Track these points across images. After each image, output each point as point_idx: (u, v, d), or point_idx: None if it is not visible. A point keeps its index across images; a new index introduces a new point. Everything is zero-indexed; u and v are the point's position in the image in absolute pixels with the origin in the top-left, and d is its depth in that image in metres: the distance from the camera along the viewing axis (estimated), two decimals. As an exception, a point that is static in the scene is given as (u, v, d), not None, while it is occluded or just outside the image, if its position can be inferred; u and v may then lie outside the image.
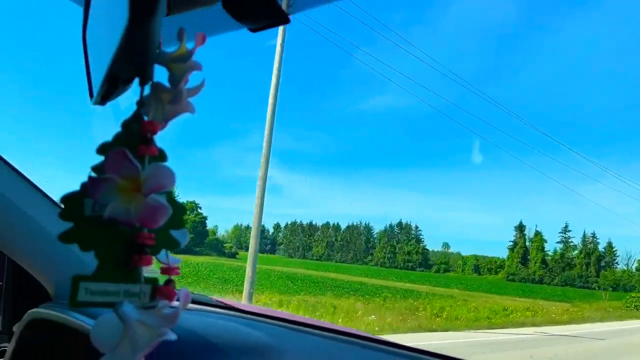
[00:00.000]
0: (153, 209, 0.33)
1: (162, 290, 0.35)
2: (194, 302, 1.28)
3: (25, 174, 1.02)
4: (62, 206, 0.34)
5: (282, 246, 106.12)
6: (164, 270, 0.37)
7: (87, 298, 0.33)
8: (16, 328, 1.08)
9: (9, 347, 1.07)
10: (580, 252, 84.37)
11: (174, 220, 0.36)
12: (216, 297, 1.45)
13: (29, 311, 1.05)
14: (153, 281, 0.35)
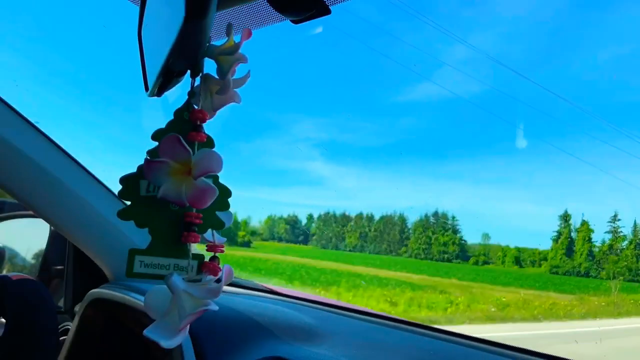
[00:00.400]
0: (202, 191, 0.37)
1: (207, 266, 0.39)
2: (243, 286, 1.33)
3: (79, 160, 1.08)
4: (120, 186, 0.38)
5: (315, 237, 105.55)
6: (210, 248, 0.40)
7: (142, 270, 0.37)
8: (78, 308, 1.15)
9: (72, 326, 1.14)
10: (630, 243, 78.46)
11: (220, 203, 0.39)
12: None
13: (89, 292, 1.12)
14: (200, 257, 0.39)
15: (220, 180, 0.41)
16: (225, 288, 1.26)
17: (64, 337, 1.17)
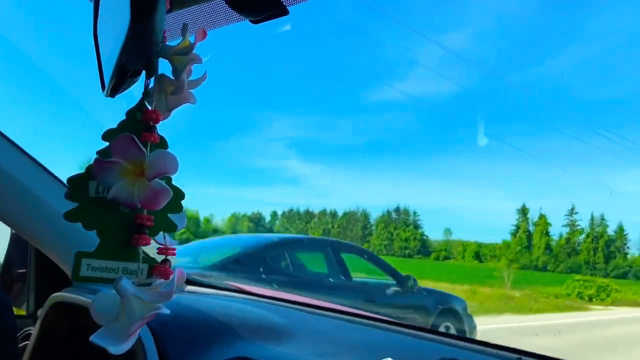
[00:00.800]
0: (155, 192, 0.36)
1: (158, 269, 0.38)
2: (212, 286, 1.32)
3: (37, 159, 1.05)
4: (68, 187, 0.37)
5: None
6: (161, 251, 0.40)
7: (89, 273, 0.36)
8: (40, 312, 1.12)
9: (34, 330, 1.11)
10: (588, 236, 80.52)
11: (173, 205, 0.39)
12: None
13: (51, 295, 1.09)
14: (150, 260, 0.38)
15: (179, 180, 0.40)
16: (194, 288, 1.25)
17: (27, 342, 1.14)
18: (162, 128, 0.41)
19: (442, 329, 4.40)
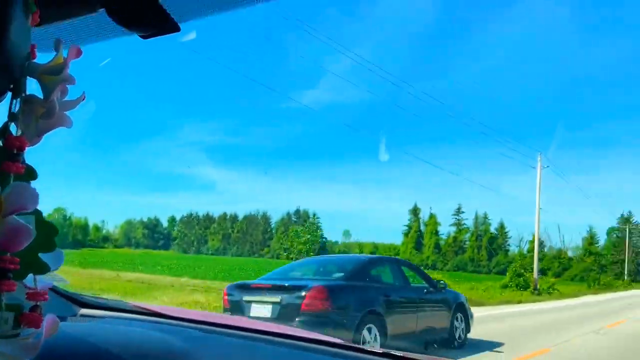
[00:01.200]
0: (13, 231, 0.32)
1: (26, 317, 0.34)
2: (106, 308, 1.23)
3: None
4: None
5: (176, 241, 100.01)
6: (30, 296, 0.35)
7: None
8: None
9: None
10: (472, 235, 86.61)
11: (43, 242, 0.35)
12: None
13: None
14: (17, 308, 0.34)
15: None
16: (88, 312, 1.16)
17: None
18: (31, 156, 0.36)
19: (457, 319, 7.34)
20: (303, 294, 5.74)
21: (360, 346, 1.16)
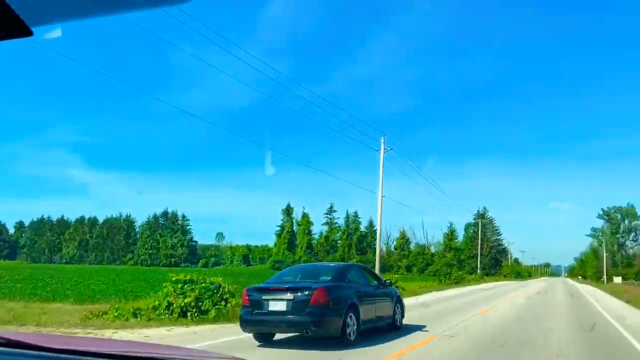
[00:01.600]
0: None
1: None
2: None
3: None
4: None
5: (25, 249, 77.29)
6: None
7: None
8: None
9: None
10: (343, 233, 76.43)
11: None
12: None
13: None
14: None
15: None
16: None
17: None
18: None
19: (398, 308, 10.46)
20: (309, 292, 8.04)
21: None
